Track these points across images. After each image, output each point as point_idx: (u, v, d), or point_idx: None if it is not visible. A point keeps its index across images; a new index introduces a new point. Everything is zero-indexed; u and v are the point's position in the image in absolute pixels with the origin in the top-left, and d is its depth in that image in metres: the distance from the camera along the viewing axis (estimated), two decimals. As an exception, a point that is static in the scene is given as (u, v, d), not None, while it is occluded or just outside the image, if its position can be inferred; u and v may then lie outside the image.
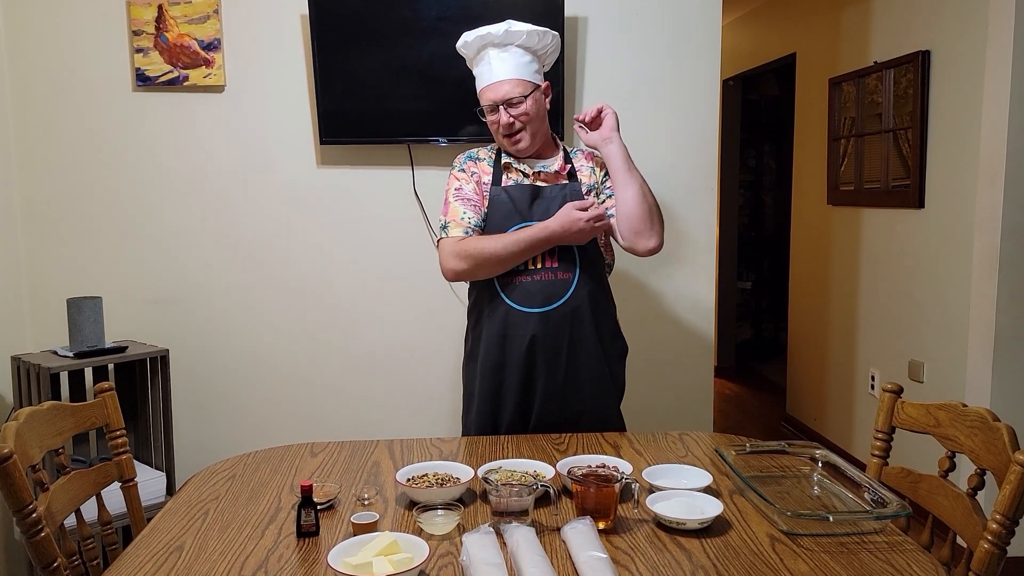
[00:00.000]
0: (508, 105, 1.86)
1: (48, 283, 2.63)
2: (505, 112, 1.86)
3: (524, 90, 1.87)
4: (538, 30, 1.90)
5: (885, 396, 1.62)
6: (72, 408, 1.57)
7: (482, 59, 1.91)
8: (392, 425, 2.74)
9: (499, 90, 1.87)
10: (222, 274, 2.68)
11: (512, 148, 1.91)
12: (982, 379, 2.75)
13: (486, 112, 1.92)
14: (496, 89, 1.87)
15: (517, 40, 1.88)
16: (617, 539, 1.30)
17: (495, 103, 1.87)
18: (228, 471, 1.65)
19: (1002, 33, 2.61)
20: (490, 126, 1.93)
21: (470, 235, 1.88)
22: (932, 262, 3.08)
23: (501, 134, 1.90)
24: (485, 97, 1.90)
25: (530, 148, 1.92)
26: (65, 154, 2.60)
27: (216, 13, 2.55)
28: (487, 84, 1.89)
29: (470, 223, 1.89)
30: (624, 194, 1.87)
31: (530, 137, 1.89)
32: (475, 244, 1.85)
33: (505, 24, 1.87)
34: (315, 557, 1.25)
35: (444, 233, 1.90)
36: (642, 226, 1.86)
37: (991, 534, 1.23)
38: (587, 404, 1.92)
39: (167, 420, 2.50)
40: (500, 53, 1.88)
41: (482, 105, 1.92)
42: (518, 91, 1.87)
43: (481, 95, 1.92)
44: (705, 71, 2.68)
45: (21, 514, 1.27)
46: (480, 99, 1.93)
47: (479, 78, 1.92)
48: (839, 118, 3.80)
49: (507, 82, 1.87)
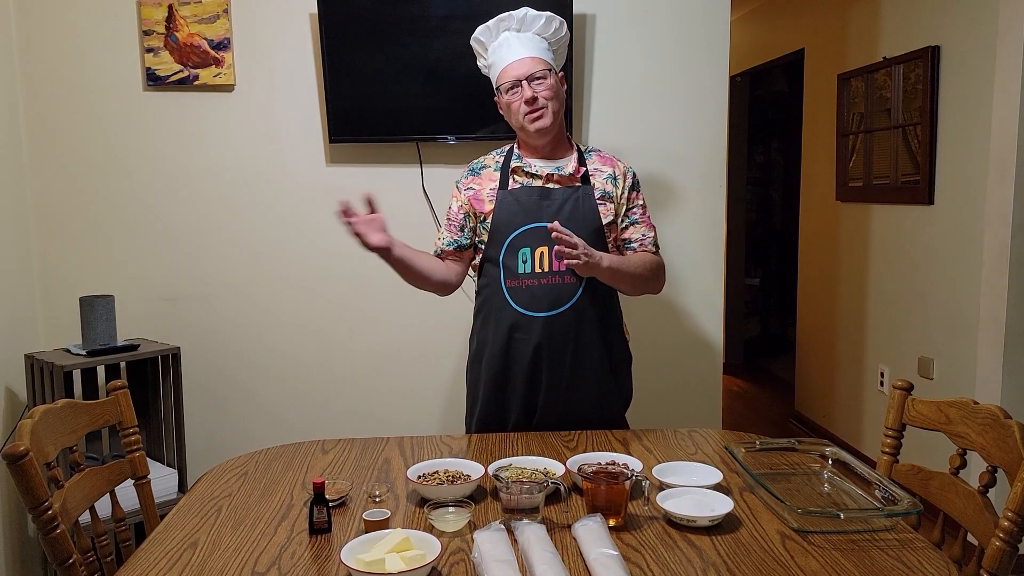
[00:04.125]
0: (531, 80, 1.85)
1: (60, 281, 2.65)
2: (528, 86, 1.85)
3: (546, 67, 1.88)
4: (555, 17, 1.93)
5: (895, 393, 1.62)
6: (86, 406, 1.59)
7: (501, 43, 1.90)
8: (401, 422, 2.75)
9: (521, 66, 1.86)
10: (233, 272, 2.70)
11: (533, 126, 1.86)
12: (992, 376, 2.74)
13: (505, 92, 1.88)
14: (518, 66, 1.86)
15: (535, 26, 1.91)
16: (628, 536, 1.31)
17: (518, 79, 1.85)
18: (240, 468, 1.67)
19: (1012, 28, 2.60)
20: (511, 107, 1.88)
21: (439, 255, 1.98)
22: (942, 258, 3.06)
23: (523, 112, 1.85)
24: (506, 75, 1.87)
25: (551, 129, 1.88)
26: (76, 153, 2.62)
27: (226, 13, 2.56)
28: (509, 62, 1.87)
29: (441, 244, 1.98)
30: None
31: (552, 115, 1.87)
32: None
33: (523, 9, 1.90)
34: (327, 554, 1.26)
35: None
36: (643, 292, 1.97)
37: (1003, 531, 1.23)
38: (591, 409, 1.91)
39: (179, 417, 2.51)
40: (519, 35, 1.90)
41: (501, 84, 1.89)
42: (540, 67, 1.87)
43: (502, 74, 1.88)
44: (714, 67, 2.67)
45: (37, 511, 1.28)
46: (499, 80, 1.89)
47: (498, 61, 1.90)
48: (848, 114, 3.79)
49: (529, 59, 1.87)
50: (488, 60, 1.95)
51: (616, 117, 2.69)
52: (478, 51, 1.99)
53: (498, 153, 2.00)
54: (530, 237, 1.86)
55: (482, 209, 1.92)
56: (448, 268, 1.96)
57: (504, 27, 1.91)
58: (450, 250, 1.97)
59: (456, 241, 1.96)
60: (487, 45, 1.95)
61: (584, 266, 1.74)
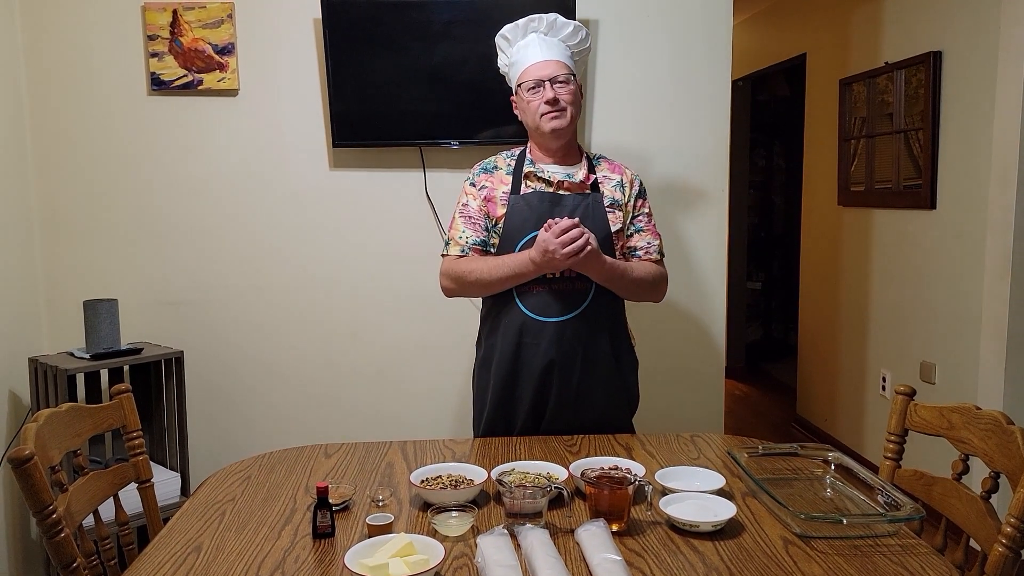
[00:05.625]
0: (554, 82, 1.87)
1: (65, 285, 2.66)
2: (551, 87, 1.86)
3: (569, 72, 1.90)
4: (582, 27, 1.96)
5: (898, 398, 1.62)
6: (90, 410, 1.59)
7: (527, 44, 1.92)
8: (404, 426, 2.76)
9: (546, 68, 1.88)
10: (236, 276, 2.70)
11: (550, 125, 1.86)
12: (995, 381, 2.74)
13: (526, 91, 1.89)
14: (543, 67, 1.88)
15: (562, 33, 1.93)
16: (631, 541, 1.31)
17: (540, 79, 1.87)
18: (243, 472, 1.67)
19: (1014, 33, 2.60)
20: (528, 107, 1.89)
21: (466, 254, 1.90)
22: (944, 263, 3.07)
23: (542, 112, 1.86)
24: (530, 75, 1.88)
25: (566, 132, 1.89)
26: (81, 158, 2.63)
27: (230, 18, 2.57)
28: (533, 63, 1.89)
29: (467, 242, 1.91)
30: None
31: (569, 118, 1.88)
32: (465, 266, 1.88)
33: (553, 15, 1.93)
34: (331, 558, 1.26)
35: (445, 250, 1.94)
36: (641, 300, 1.98)
37: (1005, 537, 1.23)
38: (599, 415, 1.91)
39: (182, 421, 2.52)
40: (546, 39, 1.92)
41: (523, 83, 1.89)
42: (565, 71, 1.89)
43: (525, 73, 1.89)
44: (716, 72, 2.68)
45: (41, 515, 1.28)
46: (521, 78, 1.90)
47: (522, 60, 1.91)
48: (849, 118, 3.80)
49: (555, 62, 1.89)
50: (511, 59, 1.95)
51: (619, 122, 2.69)
52: (501, 47, 1.99)
53: (508, 156, 1.99)
54: None
55: (494, 213, 1.91)
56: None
57: (532, 28, 1.93)
58: (478, 248, 1.92)
59: (482, 240, 1.92)
60: (513, 43, 1.95)
61: (585, 256, 1.73)
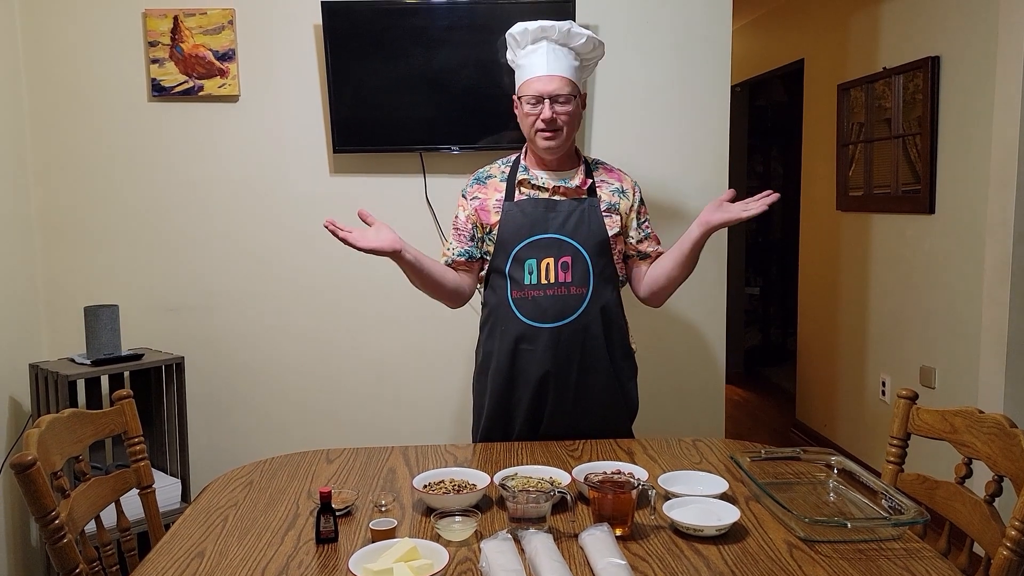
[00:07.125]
0: (554, 101, 1.83)
1: (65, 291, 2.66)
2: (549, 107, 1.83)
3: (572, 91, 1.86)
4: (596, 38, 1.90)
5: (900, 402, 1.62)
6: (91, 415, 1.59)
7: (536, 50, 1.86)
8: (405, 432, 2.75)
9: (551, 84, 1.83)
10: (237, 282, 2.70)
11: (543, 144, 1.85)
12: (995, 385, 2.74)
13: (525, 103, 1.86)
14: (548, 82, 1.83)
15: (575, 42, 1.87)
16: (634, 545, 1.31)
17: (542, 95, 1.83)
18: (245, 477, 1.67)
19: (1012, 38, 2.62)
20: (526, 119, 1.86)
21: (449, 265, 1.96)
22: (943, 267, 3.07)
23: (537, 128, 1.84)
24: (532, 87, 1.84)
25: (559, 150, 1.88)
26: (81, 164, 2.63)
27: (231, 24, 2.58)
28: (538, 75, 1.84)
29: (453, 253, 1.97)
30: (676, 272, 1.92)
31: (565, 138, 1.86)
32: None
33: (568, 23, 1.85)
34: (335, 563, 1.26)
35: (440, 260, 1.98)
36: (664, 296, 1.99)
37: (1009, 541, 1.23)
38: (597, 422, 1.91)
39: (182, 427, 2.52)
40: (557, 49, 1.85)
41: (524, 95, 1.86)
42: (567, 90, 1.84)
43: (527, 85, 1.86)
44: (715, 77, 2.69)
45: (44, 520, 1.28)
46: (523, 89, 1.87)
47: (528, 67, 1.86)
48: (847, 123, 3.81)
49: (559, 78, 1.84)
50: (518, 61, 1.91)
51: (618, 127, 2.70)
52: (511, 45, 1.93)
53: (504, 163, 1.99)
54: (536, 248, 1.86)
55: (488, 220, 1.92)
56: (460, 278, 1.96)
57: (544, 35, 1.86)
58: (461, 260, 1.96)
59: (467, 251, 1.96)
60: (522, 46, 1.89)
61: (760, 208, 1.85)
